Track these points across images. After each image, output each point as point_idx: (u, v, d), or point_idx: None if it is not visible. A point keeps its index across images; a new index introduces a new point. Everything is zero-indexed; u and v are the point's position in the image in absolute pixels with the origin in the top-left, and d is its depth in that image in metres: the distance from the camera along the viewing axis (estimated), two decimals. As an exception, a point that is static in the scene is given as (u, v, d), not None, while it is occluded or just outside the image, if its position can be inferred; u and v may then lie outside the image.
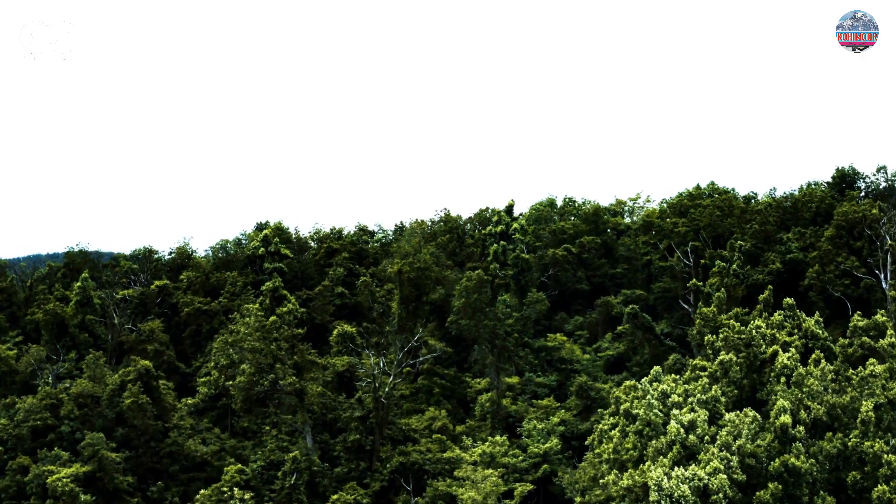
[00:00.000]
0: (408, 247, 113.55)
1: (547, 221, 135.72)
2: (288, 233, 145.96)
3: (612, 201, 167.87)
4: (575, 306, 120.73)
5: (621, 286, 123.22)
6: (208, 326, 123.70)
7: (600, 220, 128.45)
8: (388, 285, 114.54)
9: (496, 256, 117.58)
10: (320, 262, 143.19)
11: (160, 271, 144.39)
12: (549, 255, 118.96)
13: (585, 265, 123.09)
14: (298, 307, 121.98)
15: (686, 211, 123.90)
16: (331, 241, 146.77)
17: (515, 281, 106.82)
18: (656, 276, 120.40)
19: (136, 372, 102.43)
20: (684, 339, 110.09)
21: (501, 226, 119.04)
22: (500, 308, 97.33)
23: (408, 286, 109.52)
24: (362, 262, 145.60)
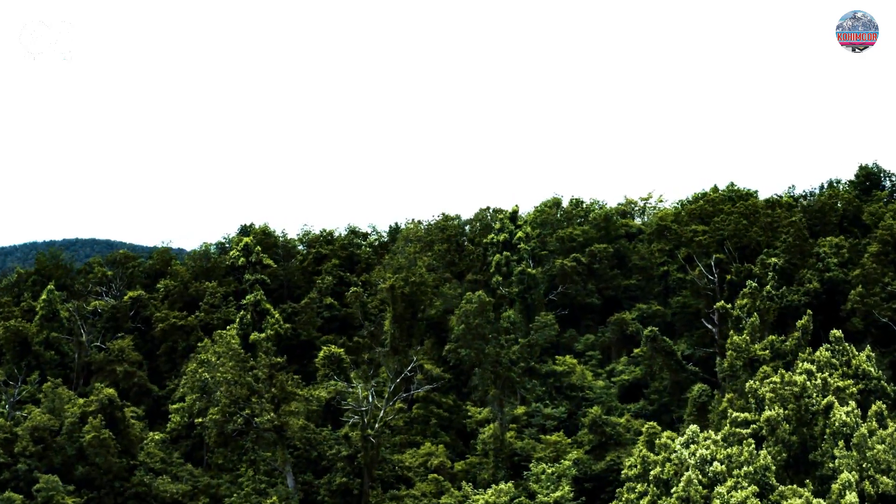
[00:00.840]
0: (401, 258, 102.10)
1: (553, 226, 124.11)
2: (274, 237, 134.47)
3: (622, 200, 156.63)
4: (585, 322, 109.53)
5: (635, 299, 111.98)
6: (185, 343, 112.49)
7: (611, 225, 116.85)
8: (381, 294, 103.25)
9: (499, 268, 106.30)
10: (308, 268, 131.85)
11: (136, 279, 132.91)
12: (557, 267, 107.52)
13: (596, 276, 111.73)
14: (282, 323, 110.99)
15: (706, 216, 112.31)
16: (320, 246, 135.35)
17: (521, 299, 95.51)
18: (674, 289, 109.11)
19: (98, 402, 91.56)
20: (707, 362, 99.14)
21: (504, 234, 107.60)
22: (503, 333, 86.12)
23: (401, 303, 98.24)
24: (354, 268, 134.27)
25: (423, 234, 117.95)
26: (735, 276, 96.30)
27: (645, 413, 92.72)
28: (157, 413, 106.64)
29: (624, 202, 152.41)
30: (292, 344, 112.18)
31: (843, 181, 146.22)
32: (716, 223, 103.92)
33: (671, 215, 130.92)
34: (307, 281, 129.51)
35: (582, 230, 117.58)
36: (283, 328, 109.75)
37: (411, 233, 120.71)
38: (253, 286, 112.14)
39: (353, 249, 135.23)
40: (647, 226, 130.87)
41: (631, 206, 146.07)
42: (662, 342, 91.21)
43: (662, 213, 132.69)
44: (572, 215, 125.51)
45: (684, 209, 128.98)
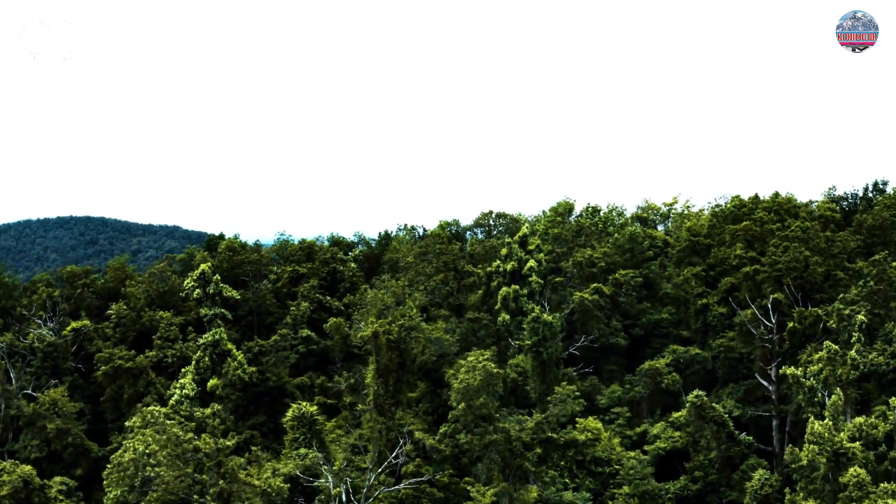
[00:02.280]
0: (387, 296, 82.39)
1: (568, 243, 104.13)
2: (246, 251, 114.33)
3: (641, 204, 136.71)
4: (608, 366, 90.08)
5: (667, 336, 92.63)
6: (131, 390, 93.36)
7: (637, 247, 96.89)
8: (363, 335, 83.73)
9: (506, 304, 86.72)
10: (283, 290, 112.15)
11: (86, 301, 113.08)
12: (576, 301, 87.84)
13: (621, 310, 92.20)
14: (246, 367, 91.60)
15: (753, 238, 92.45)
16: (297, 263, 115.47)
17: (534, 353, 75.91)
18: (715, 327, 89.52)
19: (10, 485, 72.56)
20: (760, 425, 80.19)
21: (513, 262, 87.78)
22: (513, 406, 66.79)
23: (387, 353, 78.78)
24: (336, 286, 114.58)
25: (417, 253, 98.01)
26: (798, 324, 76.70)
27: (687, 495, 73.89)
28: (97, 477, 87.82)
29: (644, 207, 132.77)
30: (259, 391, 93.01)
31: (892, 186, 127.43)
32: (772, 254, 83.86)
33: (703, 226, 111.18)
34: (281, 306, 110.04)
35: (602, 251, 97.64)
36: (246, 373, 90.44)
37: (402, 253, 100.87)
38: (212, 322, 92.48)
39: (336, 265, 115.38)
40: (676, 239, 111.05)
41: (652, 213, 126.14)
42: (710, 410, 71.86)
43: (692, 224, 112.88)
44: (590, 232, 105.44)
45: (719, 221, 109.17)
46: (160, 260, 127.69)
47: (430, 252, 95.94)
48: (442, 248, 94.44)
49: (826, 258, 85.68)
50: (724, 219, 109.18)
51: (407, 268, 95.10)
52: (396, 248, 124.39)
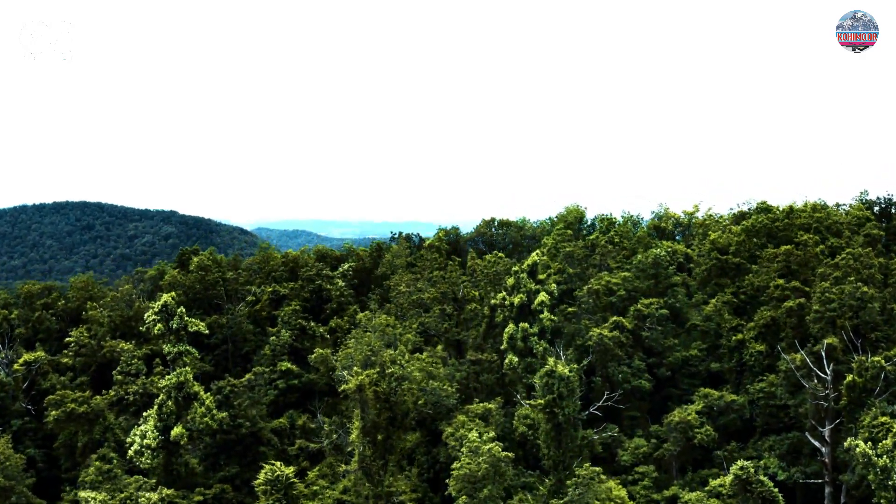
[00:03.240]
0: (375, 339, 69.84)
1: (581, 262, 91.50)
2: (216, 270, 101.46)
3: (658, 210, 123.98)
4: (630, 412, 77.75)
5: (696, 376, 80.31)
6: (87, 437, 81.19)
7: (662, 272, 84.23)
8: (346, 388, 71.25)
9: (513, 343, 74.30)
10: (262, 313, 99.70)
11: (44, 325, 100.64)
12: (594, 339, 75.36)
13: (644, 345, 79.78)
14: (215, 413, 79.25)
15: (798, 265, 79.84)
16: (278, 282, 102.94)
17: (549, 414, 63.37)
18: (754, 368, 77.09)
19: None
20: (809, 488, 68.06)
21: (521, 295, 75.16)
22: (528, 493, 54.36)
23: (375, 407, 66.58)
24: (322, 307, 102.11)
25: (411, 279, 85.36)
26: (858, 376, 64.25)
27: (729, 582, 61.80)
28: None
29: (661, 215, 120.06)
30: (230, 439, 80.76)
31: None
32: (822, 290, 71.12)
33: (730, 239, 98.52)
34: (261, 331, 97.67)
35: (622, 277, 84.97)
36: (215, 420, 78.09)
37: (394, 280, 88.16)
38: (176, 360, 80.00)
39: (322, 283, 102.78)
40: (700, 255, 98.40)
41: (672, 223, 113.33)
42: (758, 485, 59.60)
43: (717, 238, 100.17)
44: (605, 251, 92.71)
45: (749, 235, 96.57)
46: (127, 277, 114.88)
47: (424, 275, 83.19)
48: (439, 275, 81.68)
49: (881, 289, 73.19)
50: (754, 232, 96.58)
51: (399, 296, 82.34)
52: (390, 262, 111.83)
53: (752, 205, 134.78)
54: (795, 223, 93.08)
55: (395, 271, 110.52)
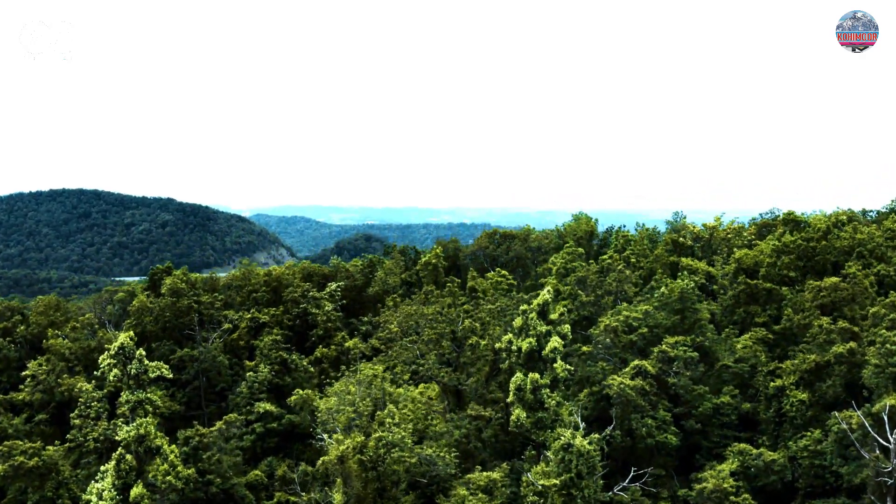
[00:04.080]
0: (360, 402, 59.05)
1: (594, 288, 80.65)
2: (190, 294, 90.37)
3: (670, 217, 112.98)
4: (654, 471, 67.03)
5: (728, 426, 69.66)
6: (37, 496, 70.60)
7: (690, 306, 73.28)
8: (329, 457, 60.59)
9: (520, 395, 63.52)
10: (239, 342, 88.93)
11: (1, 353, 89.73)
12: (614, 390, 64.64)
13: (670, 394, 69.06)
14: (180, 469, 68.54)
15: (841, 300, 68.96)
16: (258, 305, 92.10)
17: (566, 497, 52.69)
18: (794, 418, 66.42)
19: None
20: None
21: (530, 339, 64.32)
22: None
23: (360, 478, 56.03)
24: (307, 335, 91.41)
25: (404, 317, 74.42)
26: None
27: None
28: None
29: (677, 226, 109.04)
30: (198, 498, 70.19)
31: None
32: (882, 339, 60.18)
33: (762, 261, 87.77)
34: (237, 363, 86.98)
35: (643, 310, 74.01)
36: (180, 478, 67.42)
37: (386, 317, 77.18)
38: (136, 410, 69.23)
39: (308, 306, 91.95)
40: (724, 277, 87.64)
41: (691, 237, 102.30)
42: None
43: (744, 257, 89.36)
44: (623, 277, 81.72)
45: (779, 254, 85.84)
46: (97, 297, 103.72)
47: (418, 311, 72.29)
48: (435, 313, 70.73)
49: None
50: (786, 251, 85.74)
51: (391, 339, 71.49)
52: (383, 280, 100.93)
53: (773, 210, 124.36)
54: (835, 245, 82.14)
55: (388, 291, 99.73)
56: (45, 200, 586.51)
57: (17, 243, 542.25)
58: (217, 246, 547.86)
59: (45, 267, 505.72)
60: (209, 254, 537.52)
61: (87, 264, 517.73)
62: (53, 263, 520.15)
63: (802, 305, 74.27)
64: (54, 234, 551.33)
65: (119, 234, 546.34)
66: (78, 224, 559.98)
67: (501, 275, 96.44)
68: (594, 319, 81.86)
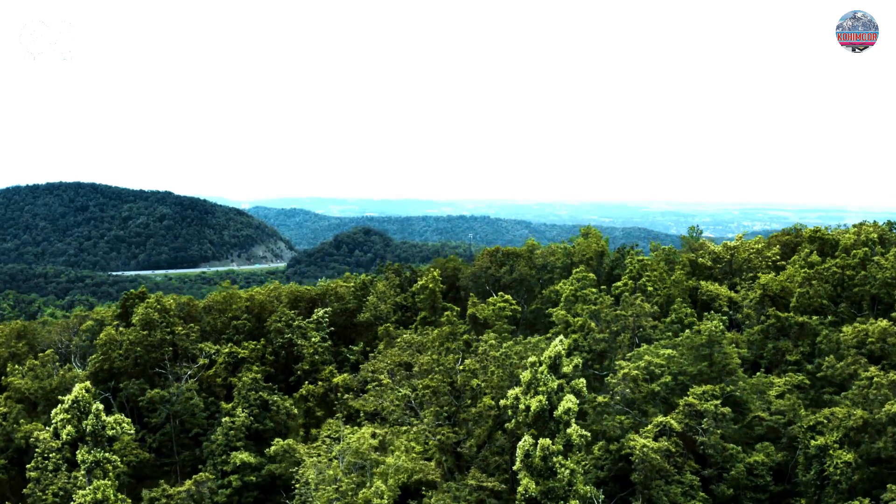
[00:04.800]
0: (344, 479, 50.18)
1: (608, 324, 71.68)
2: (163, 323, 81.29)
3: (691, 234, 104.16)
4: (679, 542, 58.24)
5: (761, 489, 60.88)
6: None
7: (717, 347, 64.29)
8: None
9: (528, 462, 54.74)
10: (216, 378, 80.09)
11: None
12: (638, 453, 55.91)
13: (698, 453, 60.26)
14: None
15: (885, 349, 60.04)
16: (237, 336, 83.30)
17: None
18: (838, 484, 57.67)
19: None
20: None
21: (540, 397, 55.54)
22: None
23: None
24: (291, 367, 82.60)
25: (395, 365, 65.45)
26: None
27: None
28: None
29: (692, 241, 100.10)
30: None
31: None
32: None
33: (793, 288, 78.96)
34: (213, 403, 78.16)
35: (667, 355, 64.98)
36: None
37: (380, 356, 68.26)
38: (93, 470, 60.49)
39: (294, 336, 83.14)
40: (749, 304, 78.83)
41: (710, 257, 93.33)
42: None
43: (770, 282, 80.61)
44: (642, 311, 72.70)
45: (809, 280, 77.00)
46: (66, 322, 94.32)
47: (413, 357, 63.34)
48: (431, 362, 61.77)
49: None
50: (819, 278, 76.88)
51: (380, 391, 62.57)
52: (375, 305, 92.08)
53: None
54: (876, 276, 73.16)
55: (380, 318, 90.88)
56: (42, 194, 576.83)
57: (14, 237, 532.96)
58: (215, 239, 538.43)
59: (42, 261, 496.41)
60: (207, 248, 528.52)
61: (84, 258, 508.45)
62: (50, 258, 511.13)
63: (842, 347, 65.53)
64: (51, 227, 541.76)
65: (116, 227, 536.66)
66: (75, 218, 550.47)
67: (504, 300, 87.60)
68: (608, 355, 73.11)
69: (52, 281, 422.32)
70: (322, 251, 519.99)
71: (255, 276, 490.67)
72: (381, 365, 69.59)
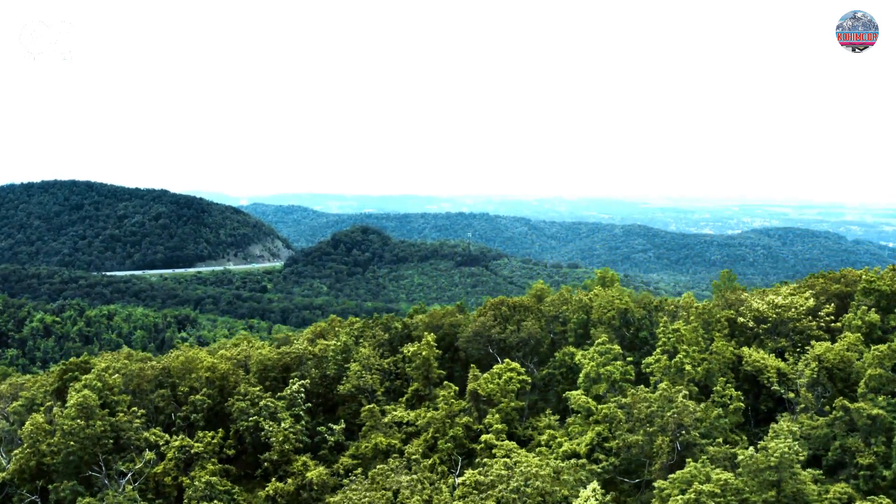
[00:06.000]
0: None
1: (644, 424, 57.03)
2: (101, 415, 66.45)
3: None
4: None
5: None
6: None
7: (787, 473, 49.49)
8: None
9: None
10: (164, 478, 65.41)
11: None
12: None
13: None
14: None
15: None
16: (195, 416, 68.61)
17: None
18: None
19: None
20: None
21: None
22: None
23: None
24: (258, 458, 67.92)
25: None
26: None
27: None
28: None
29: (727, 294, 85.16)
30: None
31: None
32: None
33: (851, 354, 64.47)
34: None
35: (722, 482, 50.19)
36: None
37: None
38: None
39: (260, 420, 68.45)
40: (814, 390, 64.15)
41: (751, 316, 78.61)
42: None
43: (825, 350, 66.06)
44: (681, 411, 57.91)
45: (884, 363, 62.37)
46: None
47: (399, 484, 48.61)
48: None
49: None
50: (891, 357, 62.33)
51: None
52: (359, 374, 77.28)
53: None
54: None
55: (364, 391, 76.18)
56: (36, 192, 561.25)
57: (8, 236, 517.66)
58: (211, 238, 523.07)
59: (36, 261, 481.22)
60: (203, 247, 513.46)
61: (78, 258, 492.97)
62: (45, 257, 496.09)
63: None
64: (46, 226, 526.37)
65: (112, 226, 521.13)
66: (70, 216, 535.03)
67: (511, 369, 73.05)
68: (642, 462, 58.50)
69: (45, 282, 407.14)
70: (319, 251, 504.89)
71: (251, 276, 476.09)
72: (355, 497, 54.91)
